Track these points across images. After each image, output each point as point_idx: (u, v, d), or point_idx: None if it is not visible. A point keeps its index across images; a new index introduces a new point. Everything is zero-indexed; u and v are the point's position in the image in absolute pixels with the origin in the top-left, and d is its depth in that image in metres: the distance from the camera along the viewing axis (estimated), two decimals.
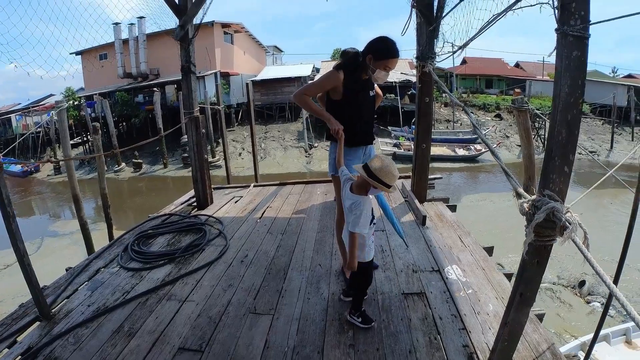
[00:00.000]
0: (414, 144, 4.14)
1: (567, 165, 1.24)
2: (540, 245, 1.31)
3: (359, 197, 1.97)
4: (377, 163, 1.90)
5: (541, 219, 1.19)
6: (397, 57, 2.20)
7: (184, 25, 4.04)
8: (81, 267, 3.14)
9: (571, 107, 1.20)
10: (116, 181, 18.44)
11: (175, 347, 2.02)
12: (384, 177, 1.88)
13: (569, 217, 1.17)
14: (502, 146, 19.16)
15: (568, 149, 1.23)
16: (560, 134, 1.22)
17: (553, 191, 1.24)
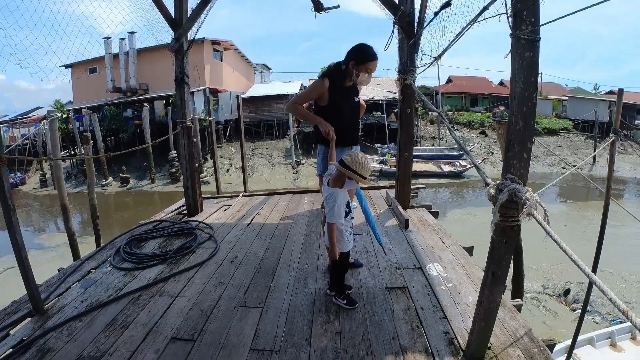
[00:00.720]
0: (397, 153, 4.33)
1: (525, 152, 1.42)
2: (506, 225, 1.46)
3: (333, 190, 2.17)
4: (351, 156, 2.11)
5: (504, 199, 1.35)
6: (376, 59, 2.43)
7: (179, 38, 4.22)
8: (74, 267, 3.18)
9: (525, 100, 1.39)
10: (103, 195, 18.22)
11: (168, 337, 2.08)
12: (357, 168, 2.08)
13: (528, 195, 1.33)
14: (487, 162, 19.70)
15: (525, 137, 1.41)
16: (517, 124, 1.40)
17: (514, 175, 1.41)
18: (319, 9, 5.34)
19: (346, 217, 2.24)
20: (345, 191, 2.21)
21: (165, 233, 3.87)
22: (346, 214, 2.24)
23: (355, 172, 2.08)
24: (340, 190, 2.18)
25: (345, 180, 2.16)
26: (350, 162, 2.11)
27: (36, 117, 24.04)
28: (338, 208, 2.15)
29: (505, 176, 1.42)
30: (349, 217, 2.28)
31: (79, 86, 23.80)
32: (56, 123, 6.61)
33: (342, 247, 2.26)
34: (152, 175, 19.81)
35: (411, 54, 3.74)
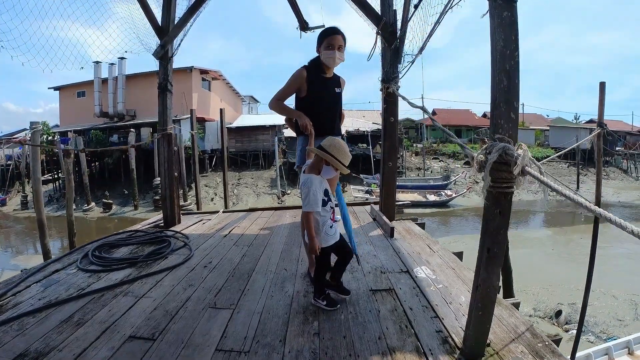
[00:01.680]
0: (381, 164, 4.26)
1: (512, 112, 1.33)
2: (499, 192, 1.35)
3: (309, 175, 2.01)
4: (330, 141, 1.99)
5: (495, 157, 1.25)
6: (336, 34, 2.38)
7: (165, 45, 4.18)
8: (37, 268, 2.95)
9: (508, 58, 1.33)
10: (84, 220, 17.56)
11: (125, 335, 1.86)
12: (335, 153, 1.95)
13: (520, 152, 1.22)
14: (472, 191, 19.88)
15: (511, 95, 1.33)
16: (501, 81, 1.33)
17: (503, 135, 1.31)
18: (304, 29, 5.46)
19: (324, 205, 2.04)
20: (322, 178, 2.06)
21: (139, 241, 3.61)
22: (324, 202, 2.04)
23: (333, 157, 1.95)
24: (316, 177, 2.03)
25: (323, 167, 2.02)
26: (328, 147, 1.98)
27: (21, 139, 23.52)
28: (314, 194, 1.97)
29: (493, 137, 1.32)
30: (328, 206, 2.07)
31: (66, 109, 23.61)
32: (38, 135, 6.38)
33: (321, 241, 2.04)
34: (135, 202, 19.27)
35: (394, 62, 3.76)
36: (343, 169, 2.00)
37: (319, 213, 2.02)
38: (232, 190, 20.42)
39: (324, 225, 2.04)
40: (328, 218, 2.07)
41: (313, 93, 2.43)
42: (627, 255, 9.77)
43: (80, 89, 23.15)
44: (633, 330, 5.42)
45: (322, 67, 2.45)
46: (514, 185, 1.35)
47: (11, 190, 22.04)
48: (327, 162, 1.98)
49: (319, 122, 2.40)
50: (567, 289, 7.34)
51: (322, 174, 2.04)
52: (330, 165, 1.99)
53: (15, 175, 22.68)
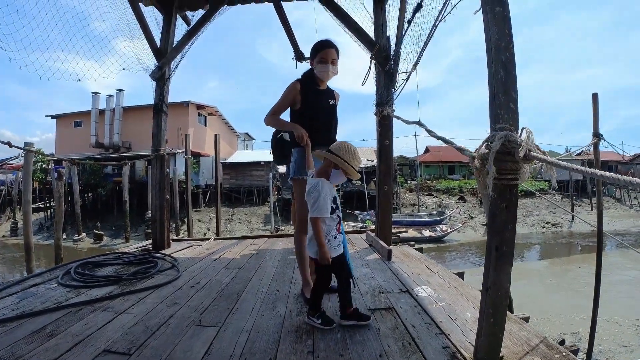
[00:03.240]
0: (377, 186, 4.19)
1: (511, 102, 1.30)
2: (504, 184, 1.28)
3: (320, 180, 1.91)
4: (340, 144, 1.93)
5: (498, 146, 1.20)
6: (330, 47, 2.37)
7: (162, 67, 4.23)
8: (16, 280, 2.81)
9: (503, 50, 1.32)
10: (74, 251, 17.03)
11: (99, 349, 1.70)
12: (346, 156, 1.87)
13: (524, 136, 1.17)
14: (467, 226, 19.76)
15: (508, 85, 1.31)
16: (498, 72, 1.31)
17: (503, 124, 1.27)
18: (300, 58, 5.61)
19: (332, 213, 1.90)
20: (330, 184, 1.95)
21: (125, 262, 3.44)
22: (332, 210, 1.91)
23: (344, 161, 1.85)
24: (326, 181, 1.91)
25: (332, 172, 1.93)
26: (338, 150, 1.89)
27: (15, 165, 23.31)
28: (324, 199, 1.85)
29: (494, 127, 1.28)
30: (335, 215, 1.93)
31: (63, 138, 23.63)
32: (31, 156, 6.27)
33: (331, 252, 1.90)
34: (127, 234, 18.82)
35: (388, 86, 3.82)
36: (354, 174, 1.92)
37: (325, 221, 1.89)
38: (225, 225, 20.14)
39: (328, 234, 1.91)
40: (334, 227, 1.93)
41: (307, 105, 2.40)
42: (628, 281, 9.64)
43: (77, 119, 23.34)
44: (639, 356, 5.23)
45: (316, 79, 2.45)
46: (519, 177, 1.29)
47: (2, 217, 21.57)
48: (336, 166, 1.90)
49: (314, 133, 2.36)
50: (568, 318, 7.11)
51: (330, 179, 1.94)
52: (339, 169, 1.90)
53: (7, 202, 22.27)
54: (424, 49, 2.37)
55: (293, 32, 5.22)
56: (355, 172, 1.91)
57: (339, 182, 1.98)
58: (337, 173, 1.92)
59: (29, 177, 5.46)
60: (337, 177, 1.94)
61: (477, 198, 23.52)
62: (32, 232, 5.78)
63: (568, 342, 5.88)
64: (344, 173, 1.91)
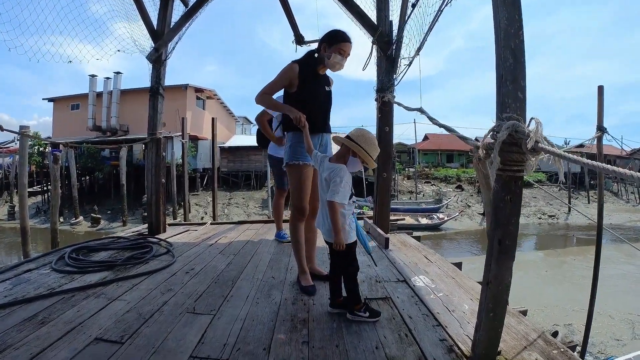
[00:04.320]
0: (375, 173, 4.14)
1: (519, 90, 1.24)
2: (509, 176, 1.23)
3: (340, 165, 1.86)
4: (359, 132, 1.87)
5: (504, 136, 1.14)
6: (350, 42, 2.30)
7: (159, 49, 4.11)
8: (9, 267, 2.76)
9: (512, 36, 1.26)
10: (71, 234, 17.01)
11: (91, 337, 1.67)
12: (365, 145, 1.83)
13: (532, 127, 1.12)
14: (465, 215, 19.83)
15: (517, 73, 1.24)
16: (507, 60, 1.25)
17: (510, 114, 1.21)
18: (300, 42, 5.47)
19: (351, 198, 1.90)
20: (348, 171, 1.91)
21: (119, 247, 3.40)
22: (350, 196, 1.89)
23: (363, 149, 1.81)
24: (346, 167, 1.87)
25: (349, 159, 1.87)
26: (357, 137, 1.84)
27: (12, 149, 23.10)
28: (345, 185, 1.82)
29: (501, 117, 1.22)
30: (352, 200, 1.91)
31: (60, 121, 23.33)
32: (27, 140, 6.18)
33: (346, 237, 1.86)
34: (124, 217, 18.79)
35: (389, 71, 3.73)
36: (372, 163, 1.87)
37: (345, 207, 1.86)
38: (223, 209, 20.13)
39: (347, 219, 1.88)
40: (349, 214, 1.91)
41: (305, 89, 2.32)
42: (621, 275, 9.72)
43: (74, 102, 23.01)
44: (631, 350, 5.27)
45: (316, 64, 2.36)
46: (524, 169, 1.25)
47: None
48: (354, 154, 1.84)
49: (311, 119, 2.28)
50: (562, 310, 7.19)
51: (347, 166, 1.89)
52: (357, 157, 1.85)
53: (4, 185, 22.14)
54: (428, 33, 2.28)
55: (293, 14, 5.08)
56: (373, 162, 1.87)
57: (356, 170, 1.93)
58: (354, 161, 1.88)
59: (24, 161, 5.39)
60: (354, 165, 1.90)
61: (475, 187, 23.54)
62: (28, 216, 5.74)
63: (561, 333, 5.95)
64: (362, 161, 1.86)
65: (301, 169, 2.30)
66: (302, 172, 2.30)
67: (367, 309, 1.86)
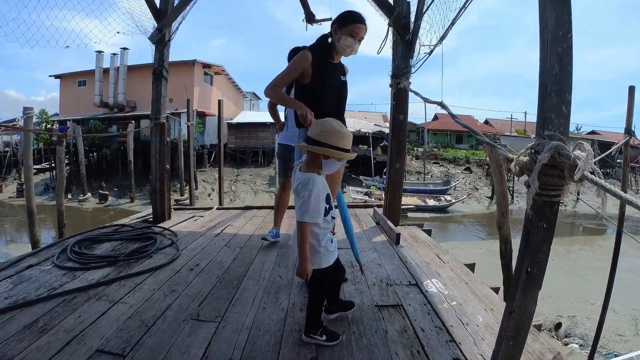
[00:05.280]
0: (387, 164, 4.00)
1: (564, 105, 1.08)
2: (546, 201, 1.09)
3: (310, 175, 1.54)
4: (319, 127, 1.55)
5: (546, 158, 0.99)
6: (363, 24, 2.11)
7: (162, 29, 3.92)
8: (11, 262, 2.71)
9: (560, 40, 1.08)
10: (79, 211, 17.29)
11: (92, 348, 1.61)
12: (331, 139, 1.49)
13: (578, 154, 0.97)
14: (472, 198, 19.64)
15: (563, 84, 1.08)
16: (553, 67, 1.08)
17: (554, 132, 1.06)
18: (310, 21, 5.20)
19: (326, 215, 1.58)
20: (324, 179, 1.62)
21: (123, 237, 3.35)
22: (326, 211, 1.57)
23: (329, 146, 1.49)
24: (318, 177, 1.55)
25: (322, 162, 1.56)
26: (319, 135, 1.50)
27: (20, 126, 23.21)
28: (315, 200, 1.49)
29: (542, 134, 1.07)
30: (330, 216, 1.61)
31: (67, 98, 23.23)
32: (31, 120, 6.12)
33: (319, 261, 1.59)
34: (132, 194, 18.99)
35: (406, 56, 3.51)
36: (347, 156, 1.55)
37: (319, 225, 1.56)
38: (230, 186, 20.15)
39: (322, 239, 1.59)
40: (328, 230, 1.62)
41: (319, 79, 2.13)
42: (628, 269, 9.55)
43: (81, 78, 22.81)
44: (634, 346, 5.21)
45: (331, 51, 2.17)
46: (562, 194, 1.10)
47: (7, 178, 21.74)
48: (325, 156, 1.54)
49: (325, 112, 2.12)
50: (567, 301, 7.11)
51: (323, 170, 1.59)
52: (329, 158, 1.54)
53: (12, 163, 22.37)
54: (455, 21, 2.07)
55: None
56: (349, 154, 1.55)
57: (335, 169, 1.66)
58: (329, 162, 1.55)
59: (29, 142, 5.33)
60: (330, 166, 1.58)
61: (484, 170, 23.17)
62: (34, 198, 5.74)
63: (564, 325, 5.91)
64: (337, 160, 1.56)
65: None
66: None
67: (325, 332, 1.67)
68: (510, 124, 35.75)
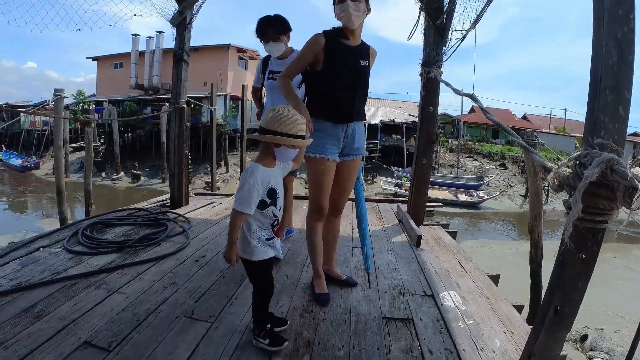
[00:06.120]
0: (414, 157, 3.75)
1: (622, 106, 0.84)
2: (588, 228, 0.87)
3: (252, 165, 1.48)
4: (267, 115, 1.46)
5: (595, 175, 0.77)
6: None
7: (183, 12, 3.83)
8: (23, 242, 2.77)
9: (620, 22, 0.83)
10: (113, 189, 18.07)
11: (81, 339, 1.58)
12: (279, 125, 1.41)
13: (637, 172, 0.74)
14: (505, 195, 18.74)
15: (622, 80, 0.83)
16: (609, 55, 0.84)
17: (606, 140, 0.82)
18: None
19: (263, 209, 1.48)
20: (274, 171, 1.52)
21: (136, 221, 3.35)
22: (264, 204, 1.47)
23: (278, 133, 1.41)
24: (262, 168, 1.46)
25: (274, 152, 1.47)
26: (268, 123, 1.43)
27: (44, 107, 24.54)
28: (248, 190, 1.40)
29: (591, 142, 0.84)
30: (269, 210, 1.50)
31: (103, 80, 24.09)
32: (62, 102, 6.33)
33: (250, 251, 1.48)
34: (163, 175, 19.57)
35: (437, 44, 3.21)
36: (300, 142, 1.46)
37: (254, 217, 1.47)
38: None
39: (255, 232, 1.49)
40: (267, 224, 1.51)
41: (331, 65, 1.91)
42: None
43: (117, 60, 23.52)
44: None
45: (344, 32, 1.92)
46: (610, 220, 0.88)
47: (45, 155, 23.02)
48: (276, 145, 1.45)
49: (336, 104, 1.92)
50: (595, 312, 6.56)
51: (278, 159, 1.51)
52: (281, 146, 1.45)
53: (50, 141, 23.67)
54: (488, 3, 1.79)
55: None
56: (301, 140, 1.46)
57: (291, 158, 1.54)
58: (282, 151, 1.46)
59: (59, 123, 5.49)
60: (284, 154, 1.48)
61: (519, 167, 22.00)
62: (63, 177, 5.95)
63: (591, 337, 5.47)
64: (291, 146, 1.46)
65: (317, 162, 1.95)
66: (317, 166, 1.96)
67: (268, 335, 1.57)
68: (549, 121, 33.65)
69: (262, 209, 1.48)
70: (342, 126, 1.96)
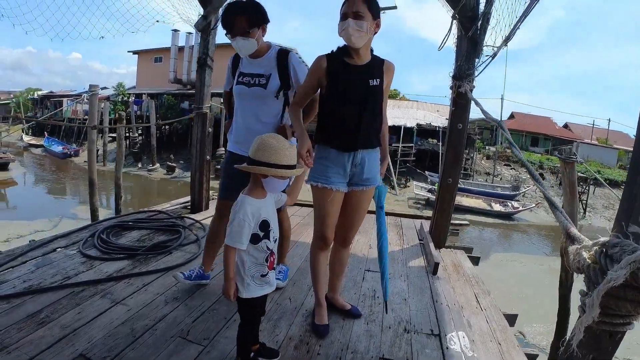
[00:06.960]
0: (440, 176, 3.54)
1: None
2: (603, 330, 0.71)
3: (242, 197, 1.43)
4: (254, 145, 1.41)
5: (622, 278, 0.62)
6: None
7: (208, 16, 3.83)
8: (42, 242, 2.88)
9: None
10: (147, 179, 18.85)
11: (77, 351, 1.61)
12: (266, 156, 1.36)
13: None
14: (541, 207, 17.74)
15: None
16: None
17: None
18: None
19: (256, 243, 1.42)
20: (265, 202, 1.45)
21: (153, 226, 3.40)
22: (256, 238, 1.41)
23: (264, 164, 1.36)
24: (253, 200, 1.41)
25: (262, 183, 1.43)
26: (255, 153, 1.39)
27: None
28: (239, 224, 1.36)
29: (624, 228, 0.68)
30: (262, 244, 1.43)
31: (143, 73, 25.11)
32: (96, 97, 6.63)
33: (241, 289, 1.43)
34: None
35: (470, 56, 3.00)
36: (287, 173, 1.40)
37: (247, 252, 1.42)
38: None
39: (250, 269, 1.43)
40: (261, 262, 1.45)
41: (334, 88, 1.74)
42: None
43: (157, 55, 24.44)
44: None
45: (348, 50, 1.74)
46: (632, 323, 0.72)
47: (84, 144, 24.35)
48: (263, 175, 1.41)
49: (339, 130, 1.76)
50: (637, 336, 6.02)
51: (267, 190, 1.46)
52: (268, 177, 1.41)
53: None
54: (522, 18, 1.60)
55: None
56: (292, 170, 1.41)
57: (281, 189, 1.52)
58: (270, 182, 1.43)
59: (93, 117, 5.72)
60: (273, 185, 1.46)
61: (557, 178, 20.71)
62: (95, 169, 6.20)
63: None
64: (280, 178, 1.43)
65: (319, 192, 1.82)
66: (320, 195, 1.83)
67: None
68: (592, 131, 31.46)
69: (255, 243, 1.42)
70: (348, 154, 1.78)
